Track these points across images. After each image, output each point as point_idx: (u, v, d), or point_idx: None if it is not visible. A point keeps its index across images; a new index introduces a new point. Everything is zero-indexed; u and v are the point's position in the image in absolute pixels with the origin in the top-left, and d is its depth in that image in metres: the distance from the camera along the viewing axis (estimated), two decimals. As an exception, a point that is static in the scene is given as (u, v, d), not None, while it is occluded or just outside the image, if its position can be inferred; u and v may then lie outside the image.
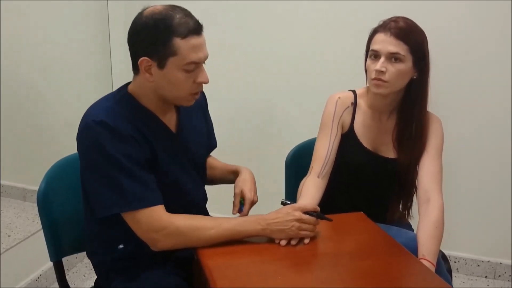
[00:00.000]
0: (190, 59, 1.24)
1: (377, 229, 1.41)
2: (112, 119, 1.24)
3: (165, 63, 1.24)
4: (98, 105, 1.32)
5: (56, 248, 1.45)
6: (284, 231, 1.28)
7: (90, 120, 1.24)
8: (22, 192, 2.52)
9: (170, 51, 1.23)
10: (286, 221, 1.28)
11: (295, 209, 1.31)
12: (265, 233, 1.28)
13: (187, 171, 1.43)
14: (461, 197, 2.48)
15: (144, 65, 1.26)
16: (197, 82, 1.29)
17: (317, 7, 2.41)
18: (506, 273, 2.52)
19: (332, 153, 1.58)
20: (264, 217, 1.30)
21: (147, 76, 1.27)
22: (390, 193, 1.65)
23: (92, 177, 1.27)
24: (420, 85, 1.53)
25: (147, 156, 1.29)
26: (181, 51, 1.23)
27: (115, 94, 1.36)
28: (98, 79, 2.68)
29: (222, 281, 1.11)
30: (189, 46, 1.23)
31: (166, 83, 1.27)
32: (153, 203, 1.25)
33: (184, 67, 1.25)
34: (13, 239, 2.22)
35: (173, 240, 1.26)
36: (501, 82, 2.30)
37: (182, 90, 1.29)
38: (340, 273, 1.19)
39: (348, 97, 1.63)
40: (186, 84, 1.28)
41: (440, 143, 1.59)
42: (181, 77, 1.26)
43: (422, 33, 1.51)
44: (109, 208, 1.25)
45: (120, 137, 1.24)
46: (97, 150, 1.23)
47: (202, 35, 1.27)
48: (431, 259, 1.35)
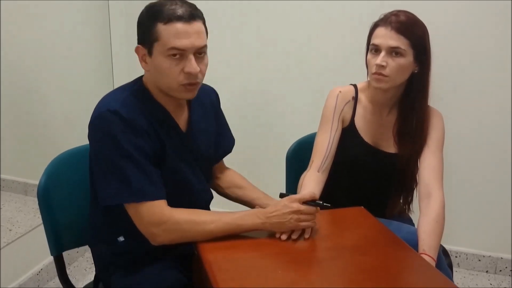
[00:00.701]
0: (171, 45, 1.23)
1: (377, 223, 1.41)
2: (127, 110, 1.25)
3: (152, 50, 1.26)
4: (114, 95, 1.32)
5: (56, 242, 1.45)
6: (284, 224, 1.28)
7: (105, 109, 1.24)
8: (23, 186, 2.52)
9: (154, 37, 1.24)
10: (284, 213, 1.28)
11: (293, 200, 1.30)
12: (264, 226, 1.28)
13: (194, 170, 1.43)
14: (462, 192, 2.48)
15: (140, 54, 1.29)
16: (185, 72, 1.26)
17: (318, 1, 2.40)
18: (507, 268, 2.53)
19: (332, 148, 1.58)
20: (263, 211, 1.30)
21: (143, 65, 1.29)
22: (391, 187, 1.65)
23: (101, 166, 1.27)
24: (421, 79, 1.53)
25: (156, 150, 1.30)
26: (162, 36, 1.23)
27: (131, 85, 1.36)
28: (98, 74, 2.68)
29: (222, 276, 1.11)
30: (171, 31, 1.22)
31: (155, 71, 1.28)
32: (156, 197, 1.26)
33: (167, 52, 1.24)
34: (14, 234, 2.22)
35: (173, 234, 1.26)
36: (502, 78, 2.29)
37: (169, 78, 1.27)
38: (340, 267, 1.19)
39: (349, 91, 1.62)
40: (172, 72, 1.26)
41: (441, 138, 1.59)
42: (166, 64, 1.25)
43: (423, 26, 1.50)
44: (113, 198, 1.25)
45: (132, 129, 1.24)
46: (109, 140, 1.23)
47: (192, 23, 1.24)
48: (432, 254, 1.34)
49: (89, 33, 2.60)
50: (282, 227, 1.28)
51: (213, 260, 1.18)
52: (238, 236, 1.29)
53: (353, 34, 1.73)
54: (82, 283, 2.03)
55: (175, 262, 1.37)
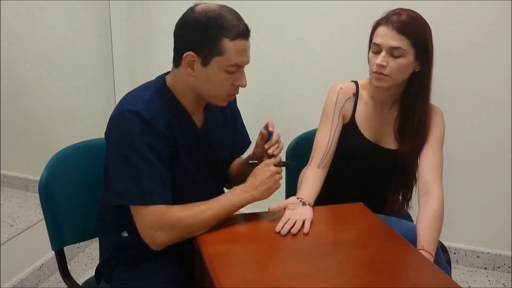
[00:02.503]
0: (235, 61, 1.26)
1: (376, 219, 1.42)
2: (148, 111, 1.26)
3: (210, 61, 1.26)
4: (137, 94, 1.32)
5: (58, 237, 1.46)
6: (270, 187, 1.36)
7: (126, 108, 1.25)
8: (24, 182, 2.53)
9: (217, 51, 1.24)
10: (267, 178, 1.35)
11: (268, 164, 1.37)
12: (255, 198, 1.34)
13: (205, 170, 1.44)
14: (461, 189, 2.49)
15: (188, 60, 1.27)
16: (236, 85, 1.31)
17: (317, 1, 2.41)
18: (505, 265, 2.54)
19: (333, 143, 1.58)
20: (247, 185, 1.35)
21: (188, 71, 1.29)
22: (390, 184, 1.66)
23: (114, 163, 1.28)
24: (423, 78, 1.52)
25: (171, 152, 1.31)
26: (228, 52, 1.24)
27: (155, 83, 1.37)
28: (99, 71, 2.69)
29: (222, 269, 1.12)
30: (236, 48, 1.25)
31: (206, 80, 1.29)
32: (163, 201, 1.26)
33: (227, 68, 1.26)
34: (15, 229, 2.23)
35: (174, 233, 1.26)
36: (503, 75, 2.30)
37: (220, 89, 1.30)
38: (339, 262, 1.20)
39: (350, 88, 1.63)
40: (225, 85, 1.29)
41: (441, 135, 1.59)
42: (222, 77, 1.27)
43: (426, 25, 1.49)
44: (121, 197, 1.26)
45: (152, 131, 1.25)
46: (126, 139, 1.24)
47: (249, 40, 1.29)
48: (430, 249, 1.35)
49: (90, 31, 2.61)
50: (270, 191, 1.35)
51: (213, 253, 1.19)
52: (238, 229, 1.31)
53: (359, 31, 1.72)
54: (82, 279, 2.03)
55: (176, 258, 1.38)
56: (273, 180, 1.35)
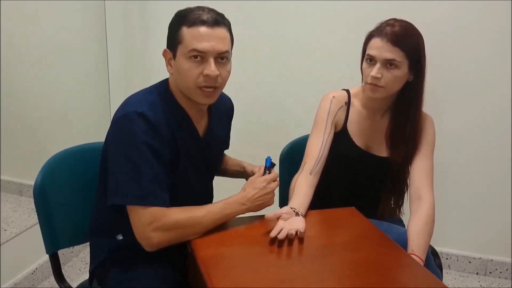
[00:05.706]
0: (192, 46, 1.27)
1: (368, 224, 1.43)
2: (153, 113, 1.27)
3: (176, 52, 1.30)
4: (141, 97, 1.34)
5: (52, 240, 1.47)
6: (265, 203, 1.41)
7: (131, 110, 1.27)
8: (18, 186, 2.53)
9: (178, 39, 1.29)
10: (265, 194, 1.40)
11: (268, 181, 1.42)
12: (248, 210, 1.37)
13: (201, 172, 1.46)
14: (454, 195, 2.50)
15: (167, 57, 1.33)
16: (204, 74, 1.29)
17: (319, 5, 2.42)
18: (497, 270, 2.56)
19: (325, 151, 1.59)
20: (244, 196, 1.37)
21: (169, 68, 1.34)
22: (382, 190, 1.67)
23: (115, 164, 1.28)
24: (416, 87, 1.54)
25: (172, 155, 1.32)
26: (185, 38, 1.28)
27: (158, 87, 1.39)
28: (94, 74, 2.69)
29: (215, 271, 1.14)
30: (193, 34, 1.27)
31: (178, 73, 1.31)
32: (161, 203, 1.27)
33: (188, 54, 1.28)
34: (9, 233, 2.23)
35: (170, 234, 1.27)
36: (501, 78, 2.31)
37: (189, 80, 1.30)
38: (332, 265, 1.21)
39: (342, 96, 1.64)
40: (192, 74, 1.29)
41: (432, 142, 1.61)
42: (186, 65, 1.29)
43: (419, 35, 1.50)
44: (121, 197, 1.26)
45: (156, 133, 1.27)
46: (130, 140, 1.25)
47: (215, 28, 1.28)
48: (420, 254, 1.37)
49: (85, 33, 2.60)
50: (263, 206, 1.41)
51: (206, 256, 1.20)
52: (231, 233, 1.32)
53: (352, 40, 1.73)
54: (76, 283, 2.03)
55: (170, 261, 1.39)
56: (269, 197, 1.41)
